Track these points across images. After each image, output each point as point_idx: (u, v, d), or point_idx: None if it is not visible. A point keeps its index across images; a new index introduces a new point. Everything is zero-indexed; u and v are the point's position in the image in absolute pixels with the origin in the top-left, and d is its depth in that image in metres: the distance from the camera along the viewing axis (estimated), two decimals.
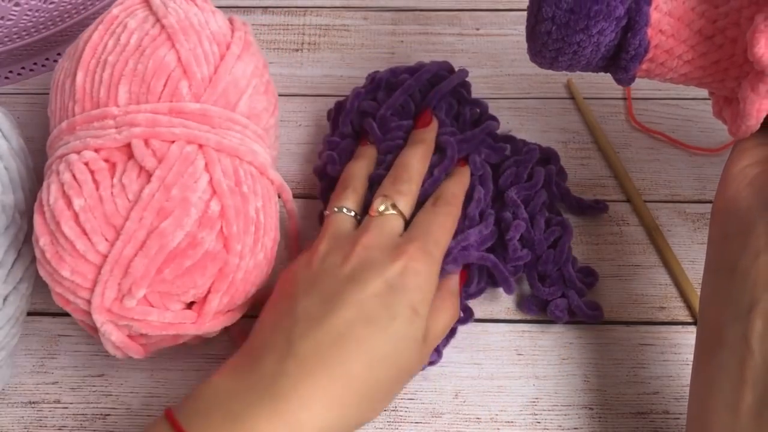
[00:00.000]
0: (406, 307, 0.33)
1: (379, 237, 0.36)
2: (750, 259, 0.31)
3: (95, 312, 0.33)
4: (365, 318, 0.33)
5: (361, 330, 0.32)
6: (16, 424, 0.38)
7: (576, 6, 0.32)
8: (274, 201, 0.38)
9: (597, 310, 0.41)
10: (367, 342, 0.32)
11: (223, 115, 0.36)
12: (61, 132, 0.37)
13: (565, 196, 0.45)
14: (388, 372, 0.33)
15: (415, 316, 0.34)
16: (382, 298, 0.33)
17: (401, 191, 0.38)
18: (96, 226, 0.33)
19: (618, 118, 0.50)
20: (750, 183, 0.33)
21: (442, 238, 0.37)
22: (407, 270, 0.34)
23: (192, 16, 0.38)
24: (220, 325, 0.36)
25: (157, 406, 0.39)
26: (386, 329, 0.33)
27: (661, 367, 0.40)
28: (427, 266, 0.35)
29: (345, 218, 0.38)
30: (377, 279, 0.34)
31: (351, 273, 0.34)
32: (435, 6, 0.56)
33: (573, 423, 0.38)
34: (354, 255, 0.35)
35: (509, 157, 0.44)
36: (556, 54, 0.34)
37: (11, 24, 0.45)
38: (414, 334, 0.34)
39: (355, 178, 0.41)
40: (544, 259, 0.42)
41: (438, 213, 0.38)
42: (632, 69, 0.34)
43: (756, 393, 0.29)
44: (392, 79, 0.45)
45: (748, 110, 0.32)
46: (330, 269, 0.35)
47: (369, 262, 0.34)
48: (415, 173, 0.40)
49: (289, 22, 0.55)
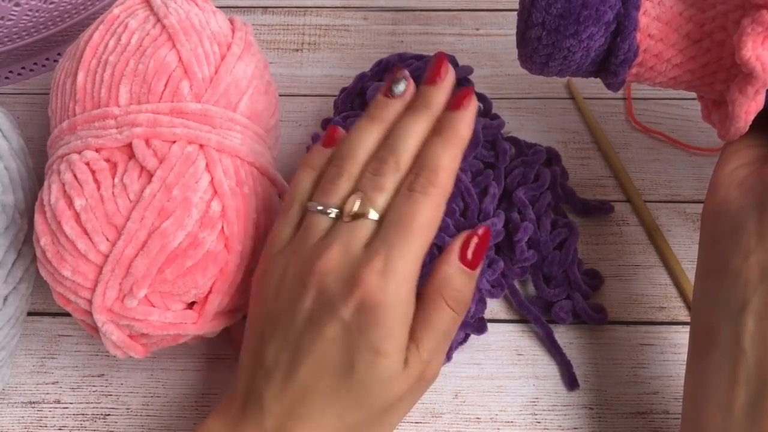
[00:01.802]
0: (365, 351, 0.30)
1: (339, 256, 0.30)
2: (740, 260, 0.31)
3: (96, 312, 0.33)
4: (327, 368, 0.30)
5: (326, 381, 0.30)
6: (16, 424, 0.38)
7: (566, 11, 0.32)
8: (275, 201, 0.38)
9: (601, 313, 0.41)
10: (332, 393, 0.30)
11: (224, 115, 0.36)
12: (61, 132, 0.37)
13: (570, 197, 0.45)
14: (362, 416, 0.31)
15: (376, 357, 0.30)
16: (340, 343, 0.30)
17: (382, 186, 0.31)
18: (97, 226, 0.33)
19: (618, 118, 0.50)
20: (740, 184, 0.33)
21: (415, 242, 0.30)
22: (363, 306, 0.29)
23: (193, 17, 0.38)
24: (221, 325, 0.36)
25: (157, 406, 0.39)
26: (348, 376, 0.30)
27: (661, 367, 0.40)
28: (390, 294, 0.29)
29: (321, 222, 0.32)
30: (332, 322, 0.30)
31: (309, 314, 0.30)
32: (435, 6, 0.56)
33: (573, 423, 0.38)
34: (310, 285, 0.30)
35: (516, 157, 0.44)
36: (546, 59, 0.34)
37: (11, 24, 0.45)
38: (381, 374, 0.30)
39: (355, 158, 0.33)
40: (549, 261, 0.42)
41: (414, 202, 0.30)
42: (622, 73, 0.34)
43: (749, 392, 0.29)
44: (399, 63, 0.45)
45: (736, 112, 0.32)
46: (290, 306, 0.31)
47: (325, 296, 0.30)
48: (407, 156, 0.32)
49: (289, 22, 0.55)
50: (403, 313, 0.30)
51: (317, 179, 0.34)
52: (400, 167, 0.32)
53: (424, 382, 0.32)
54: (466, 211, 0.41)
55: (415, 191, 0.31)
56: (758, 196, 0.31)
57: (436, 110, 0.33)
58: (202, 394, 0.39)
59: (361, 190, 0.31)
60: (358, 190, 0.31)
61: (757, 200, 0.31)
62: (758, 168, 0.33)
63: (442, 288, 0.31)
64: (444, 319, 0.31)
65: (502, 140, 0.43)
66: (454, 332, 0.32)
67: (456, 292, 0.31)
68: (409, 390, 0.31)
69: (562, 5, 0.32)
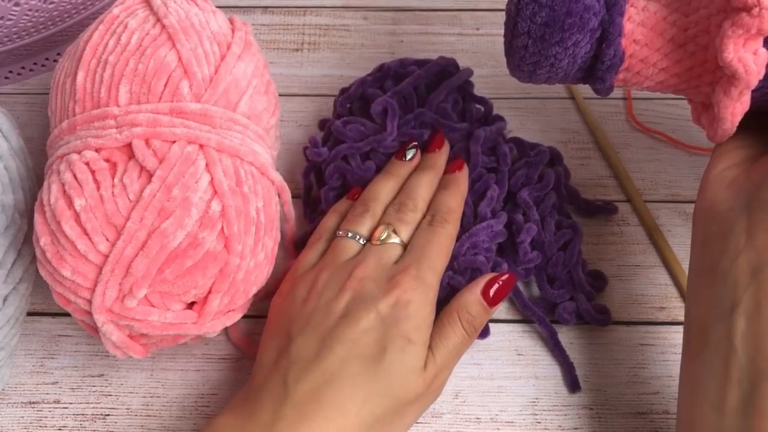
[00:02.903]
0: (397, 338, 0.34)
1: (374, 268, 0.36)
2: (730, 260, 0.31)
3: (96, 312, 0.33)
4: (358, 355, 0.33)
5: (355, 367, 0.33)
6: (16, 424, 0.38)
7: (550, 20, 0.33)
8: (275, 201, 0.38)
9: (605, 314, 0.41)
10: (359, 378, 0.33)
11: (224, 115, 0.36)
12: (61, 132, 0.37)
13: (574, 197, 0.45)
14: (384, 405, 0.33)
15: (407, 345, 0.34)
16: (375, 333, 0.34)
17: (404, 220, 0.38)
18: (97, 226, 0.33)
19: (618, 118, 0.50)
20: (729, 185, 0.33)
21: (438, 260, 0.37)
22: (399, 302, 0.34)
23: (193, 16, 0.38)
24: (221, 325, 0.36)
25: (157, 406, 0.39)
26: (378, 362, 0.33)
27: (661, 367, 0.40)
28: (419, 294, 0.35)
29: (351, 245, 0.38)
30: (369, 314, 0.34)
31: (345, 309, 0.35)
32: (435, 6, 0.56)
33: (573, 423, 0.38)
34: (348, 288, 0.35)
35: (519, 158, 0.44)
36: (534, 67, 0.35)
37: (11, 24, 0.45)
38: (409, 362, 0.34)
39: (378, 199, 0.40)
40: (553, 262, 0.42)
41: (434, 233, 0.38)
42: (609, 79, 0.35)
43: (741, 391, 0.29)
44: (400, 70, 0.45)
45: (722, 114, 0.32)
46: (325, 305, 0.35)
47: (362, 296, 0.35)
48: (421, 201, 0.40)
49: (289, 22, 0.55)
50: (429, 315, 0.35)
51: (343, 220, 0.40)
52: (417, 209, 0.39)
53: (432, 393, 0.35)
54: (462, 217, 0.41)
55: (434, 225, 0.38)
56: (746, 197, 0.32)
57: (439, 169, 0.42)
58: (202, 394, 0.39)
59: (388, 223, 0.38)
60: (385, 223, 0.38)
61: (745, 201, 0.32)
62: (746, 169, 0.33)
63: (460, 309, 0.36)
64: (456, 334, 0.36)
65: (503, 143, 0.43)
66: (462, 352, 0.36)
67: (471, 317, 0.36)
68: (423, 394, 0.34)
69: (547, 14, 0.32)
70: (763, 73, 0.31)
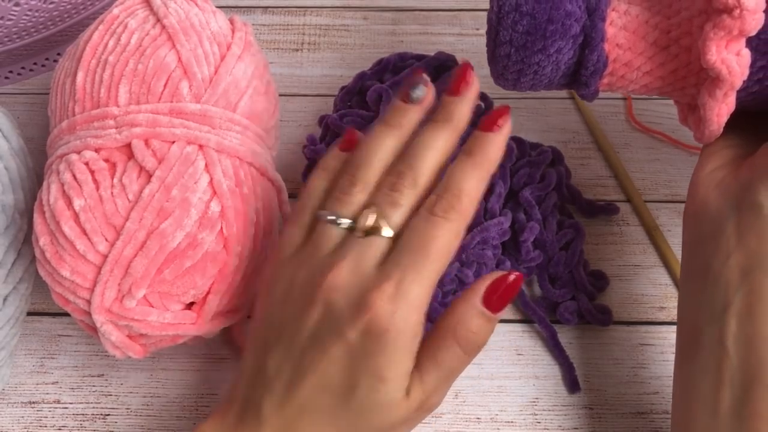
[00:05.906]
0: (368, 377, 0.29)
1: (349, 273, 0.29)
2: (721, 261, 0.31)
3: (95, 312, 0.33)
4: (328, 386, 0.29)
5: (327, 399, 0.29)
6: (16, 424, 0.38)
7: (531, 28, 0.33)
8: (274, 202, 0.38)
9: (606, 314, 0.41)
10: (334, 410, 0.29)
11: (224, 115, 0.36)
12: (61, 132, 0.37)
13: (575, 197, 0.45)
14: None
15: (379, 383, 0.29)
16: (342, 365, 0.29)
17: (398, 202, 0.30)
18: (96, 226, 0.33)
19: (618, 118, 0.50)
20: (717, 186, 0.33)
21: (432, 267, 0.29)
22: (369, 332, 0.28)
23: (193, 17, 0.38)
24: (220, 325, 0.36)
25: (157, 406, 0.39)
26: (348, 400, 0.29)
27: (661, 367, 0.40)
28: (398, 319, 0.28)
29: (332, 234, 0.31)
30: (337, 344, 0.29)
31: (314, 328, 0.29)
32: (435, 6, 0.56)
33: (573, 423, 0.38)
34: (318, 300, 0.29)
35: (520, 158, 0.44)
36: (517, 75, 0.35)
37: (11, 24, 0.45)
38: (381, 400, 0.29)
39: (369, 166, 0.31)
40: (555, 261, 0.42)
41: (433, 226, 0.29)
42: (593, 84, 0.35)
43: (733, 393, 0.29)
44: (400, 63, 0.45)
45: (708, 116, 0.33)
46: (295, 318, 0.30)
47: (331, 314, 0.29)
48: (426, 172, 0.31)
49: (289, 22, 0.55)
50: (410, 340, 0.29)
51: (331, 183, 0.33)
52: (418, 184, 0.30)
53: (425, 411, 0.31)
54: None
55: (435, 214, 0.29)
56: (735, 197, 0.32)
57: (458, 124, 0.31)
58: (202, 394, 0.39)
59: (376, 205, 0.30)
60: (373, 204, 0.30)
61: (734, 202, 0.32)
62: (734, 169, 0.33)
63: (456, 328, 0.30)
64: (451, 359, 0.30)
65: None
66: (461, 370, 0.31)
67: (471, 334, 0.30)
68: (408, 417, 0.30)
69: (528, 22, 0.32)
70: (747, 73, 0.31)
